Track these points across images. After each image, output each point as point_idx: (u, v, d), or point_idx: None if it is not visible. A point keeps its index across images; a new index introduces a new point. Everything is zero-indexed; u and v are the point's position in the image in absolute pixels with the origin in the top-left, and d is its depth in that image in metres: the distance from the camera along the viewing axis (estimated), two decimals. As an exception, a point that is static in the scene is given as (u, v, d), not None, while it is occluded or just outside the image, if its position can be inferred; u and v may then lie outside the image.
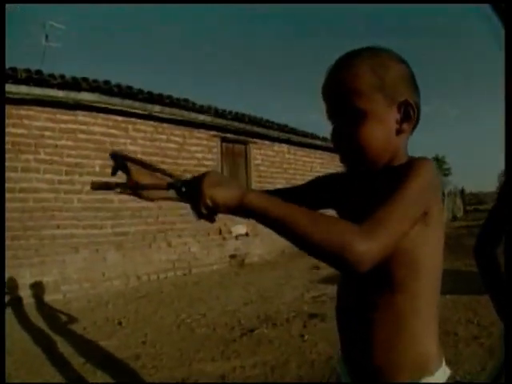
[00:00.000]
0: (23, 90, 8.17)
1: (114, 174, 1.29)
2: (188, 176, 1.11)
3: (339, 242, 0.96)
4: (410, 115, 1.23)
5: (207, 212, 1.05)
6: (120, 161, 1.26)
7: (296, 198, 1.16)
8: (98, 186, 1.17)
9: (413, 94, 1.25)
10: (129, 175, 1.25)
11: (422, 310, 1.20)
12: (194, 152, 11.63)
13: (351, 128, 1.21)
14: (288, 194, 1.48)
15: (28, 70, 8.29)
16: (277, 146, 14.95)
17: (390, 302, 1.20)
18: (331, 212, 1.34)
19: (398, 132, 1.24)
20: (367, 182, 1.29)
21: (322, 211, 1.09)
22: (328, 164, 17.79)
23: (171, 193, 1.19)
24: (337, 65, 1.25)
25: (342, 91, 1.22)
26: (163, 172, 1.25)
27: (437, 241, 1.21)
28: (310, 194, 1.58)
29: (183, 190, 1.09)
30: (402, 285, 1.18)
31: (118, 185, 1.20)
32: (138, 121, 10.23)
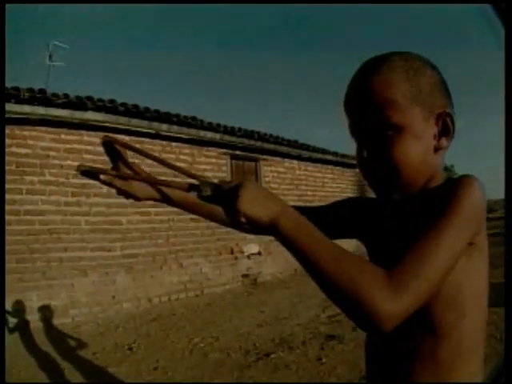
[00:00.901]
0: (26, 109, 8.03)
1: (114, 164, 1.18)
2: (211, 178, 1.02)
3: (363, 294, 0.82)
4: (448, 129, 1.07)
5: (240, 225, 0.94)
6: (111, 147, 1.16)
7: (315, 222, 0.98)
8: (84, 171, 1.09)
9: (449, 104, 1.10)
10: (120, 164, 1.17)
11: (467, 356, 1.02)
12: (204, 170, 11.43)
13: (384, 147, 1.05)
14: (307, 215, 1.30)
15: (31, 90, 8.14)
16: (287, 163, 14.75)
17: (431, 348, 1.02)
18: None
19: (436, 149, 1.08)
20: (399, 209, 1.11)
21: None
22: (340, 179, 17.70)
23: (179, 193, 1.23)
24: (365, 71, 1.09)
25: (372, 103, 1.04)
26: (169, 166, 1.15)
27: (482, 273, 1.03)
28: (332, 219, 1.36)
29: (211, 196, 0.99)
30: (444, 329, 1.01)
31: (107, 172, 1.13)
32: (146, 140, 10.07)
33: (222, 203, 0.98)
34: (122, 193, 1.17)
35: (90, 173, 1.09)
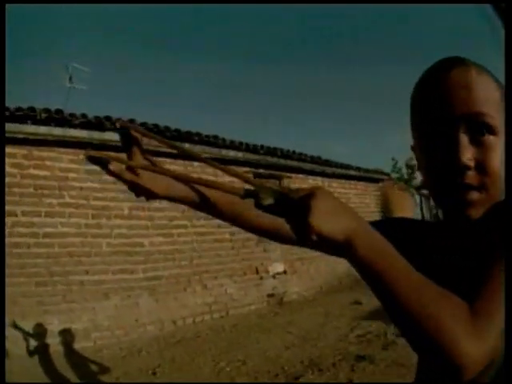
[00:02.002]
0: (43, 130, 7.95)
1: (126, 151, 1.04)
2: (271, 183, 0.86)
3: (446, 331, 0.71)
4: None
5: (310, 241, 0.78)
6: (127, 135, 1.03)
7: None
8: (92, 158, 0.97)
9: None
10: (136, 156, 1.03)
11: None
12: (227, 190, 11.27)
13: (484, 152, 0.94)
14: None
15: (48, 110, 8.07)
16: (311, 179, 14.58)
17: None
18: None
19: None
20: (465, 229, 0.99)
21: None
22: (363, 194, 17.58)
23: (212, 194, 1.09)
24: (462, 64, 0.98)
25: (479, 97, 0.94)
26: (214, 166, 0.99)
27: None
28: None
29: (273, 206, 0.82)
30: None
31: (121, 160, 0.99)
32: (167, 160, 9.91)
33: (287, 215, 0.81)
34: (133, 187, 1.01)
35: (99, 160, 0.97)
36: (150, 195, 1.03)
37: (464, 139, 0.94)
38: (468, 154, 0.93)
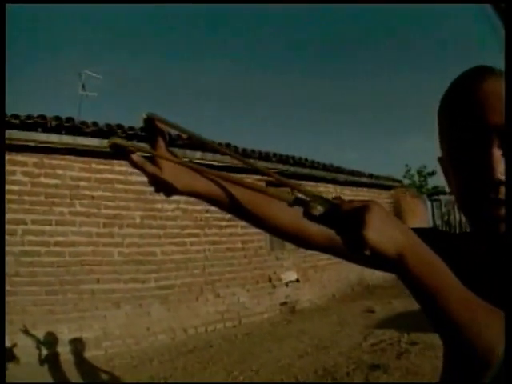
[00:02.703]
0: (54, 138, 7.94)
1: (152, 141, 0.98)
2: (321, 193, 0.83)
3: (489, 341, 0.72)
4: None
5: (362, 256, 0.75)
6: (151, 124, 0.97)
7: None
8: (115, 145, 0.94)
9: None
10: (161, 148, 0.98)
11: None
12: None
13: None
14: None
15: (58, 118, 8.07)
16: (323, 187, 14.51)
17: None
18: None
19: None
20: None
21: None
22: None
23: (244, 194, 1.05)
24: (494, 74, 0.96)
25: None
26: (240, 160, 1.03)
27: None
28: None
29: (324, 216, 0.79)
30: None
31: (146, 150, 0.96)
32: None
33: (338, 226, 0.78)
34: (154, 181, 0.97)
35: (121, 148, 0.94)
36: (171, 190, 0.99)
37: (497, 153, 0.90)
38: (501, 168, 0.90)
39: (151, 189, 1.01)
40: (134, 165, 0.95)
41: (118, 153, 0.94)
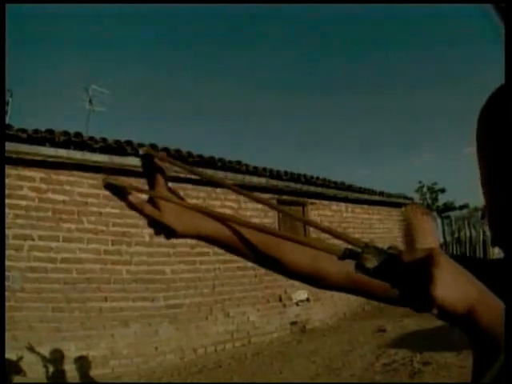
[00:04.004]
0: (62, 153, 7.90)
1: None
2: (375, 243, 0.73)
3: None
4: None
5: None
6: (149, 161, 0.92)
7: None
8: (110, 185, 0.89)
9: None
10: (160, 187, 0.92)
11: None
12: (250, 217, 11.20)
13: None
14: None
15: (66, 133, 8.04)
16: (334, 205, 14.50)
17: None
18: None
19: None
20: None
21: None
22: (387, 219, 17.41)
23: (253, 236, 0.97)
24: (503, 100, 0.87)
25: None
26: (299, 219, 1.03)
27: None
28: None
29: (379, 269, 0.70)
30: None
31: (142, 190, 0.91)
32: (189, 186, 9.88)
33: (398, 281, 0.70)
34: (153, 223, 0.90)
35: (117, 189, 0.90)
36: (172, 234, 0.90)
37: None
38: None
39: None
40: (131, 206, 0.90)
41: (114, 193, 0.89)
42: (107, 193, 3.61)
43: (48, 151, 7.72)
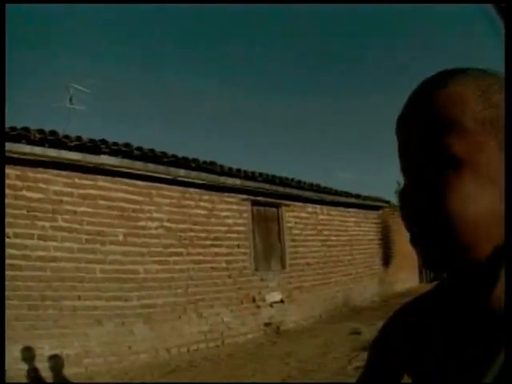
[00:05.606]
0: (37, 151, 7.83)
1: None
2: None
3: None
4: None
5: None
6: None
7: None
8: None
9: None
10: None
11: None
12: (224, 218, 11.19)
13: (437, 188, 0.69)
14: None
15: (41, 131, 7.96)
16: (310, 207, 14.51)
17: None
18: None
19: None
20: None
21: None
22: (363, 222, 17.57)
23: None
24: (426, 84, 0.75)
25: (427, 124, 0.70)
26: None
27: None
28: None
29: None
30: None
31: None
32: (163, 186, 9.83)
33: None
34: None
35: None
36: None
37: (407, 181, 0.78)
38: (406, 198, 0.76)
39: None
40: None
41: None
42: (82, 191, 3.57)
43: (24, 149, 7.63)
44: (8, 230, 7.53)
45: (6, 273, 7.38)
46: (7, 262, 7.44)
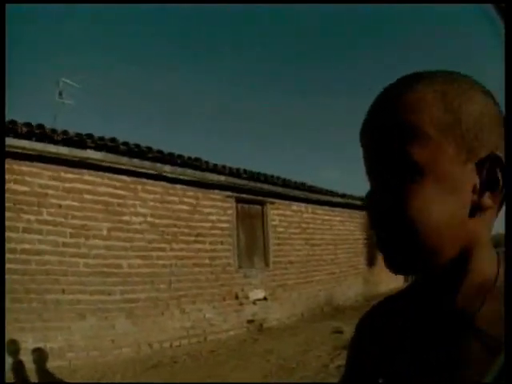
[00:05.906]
0: (24, 144, 7.80)
1: None
2: None
3: None
4: (497, 180, 0.69)
5: None
6: None
7: None
8: None
9: (502, 146, 0.71)
10: None
11: None
12: (208, 214, 11.18)
13: (400, 195, 0.70)
14: None
15: (29, 124, 7.94)
16: (295, 206, 14.53)
17: None
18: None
19: (476, 208, 0.70)
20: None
21: None
22: (348, 221, 17.58)
23: None
24: (387, 90, 0.77)
25: (387, 130, 0.72)
26: None
27: None
28: None
29: None
30: None
31: None
32: (148, 181, 9.81)
33: None
34: None
35: None
36: None
37: (372, 186, 0.81)
38: (371, 203, 0.78)
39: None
40: None
41: None
42: (68, 185, 3.58)
43: (10, 142, 7.60)
44: (-7, 223, 7.52)
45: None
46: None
